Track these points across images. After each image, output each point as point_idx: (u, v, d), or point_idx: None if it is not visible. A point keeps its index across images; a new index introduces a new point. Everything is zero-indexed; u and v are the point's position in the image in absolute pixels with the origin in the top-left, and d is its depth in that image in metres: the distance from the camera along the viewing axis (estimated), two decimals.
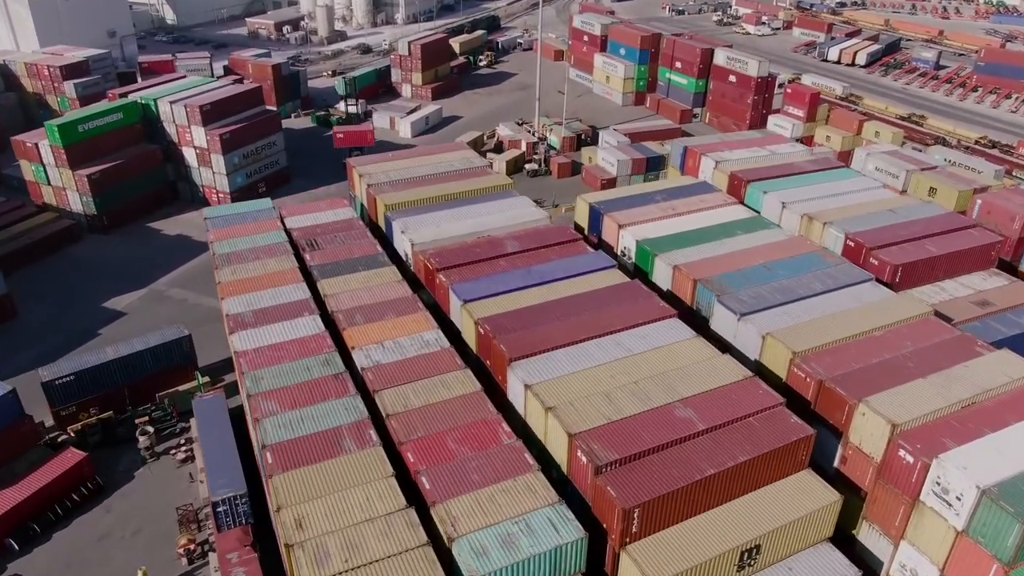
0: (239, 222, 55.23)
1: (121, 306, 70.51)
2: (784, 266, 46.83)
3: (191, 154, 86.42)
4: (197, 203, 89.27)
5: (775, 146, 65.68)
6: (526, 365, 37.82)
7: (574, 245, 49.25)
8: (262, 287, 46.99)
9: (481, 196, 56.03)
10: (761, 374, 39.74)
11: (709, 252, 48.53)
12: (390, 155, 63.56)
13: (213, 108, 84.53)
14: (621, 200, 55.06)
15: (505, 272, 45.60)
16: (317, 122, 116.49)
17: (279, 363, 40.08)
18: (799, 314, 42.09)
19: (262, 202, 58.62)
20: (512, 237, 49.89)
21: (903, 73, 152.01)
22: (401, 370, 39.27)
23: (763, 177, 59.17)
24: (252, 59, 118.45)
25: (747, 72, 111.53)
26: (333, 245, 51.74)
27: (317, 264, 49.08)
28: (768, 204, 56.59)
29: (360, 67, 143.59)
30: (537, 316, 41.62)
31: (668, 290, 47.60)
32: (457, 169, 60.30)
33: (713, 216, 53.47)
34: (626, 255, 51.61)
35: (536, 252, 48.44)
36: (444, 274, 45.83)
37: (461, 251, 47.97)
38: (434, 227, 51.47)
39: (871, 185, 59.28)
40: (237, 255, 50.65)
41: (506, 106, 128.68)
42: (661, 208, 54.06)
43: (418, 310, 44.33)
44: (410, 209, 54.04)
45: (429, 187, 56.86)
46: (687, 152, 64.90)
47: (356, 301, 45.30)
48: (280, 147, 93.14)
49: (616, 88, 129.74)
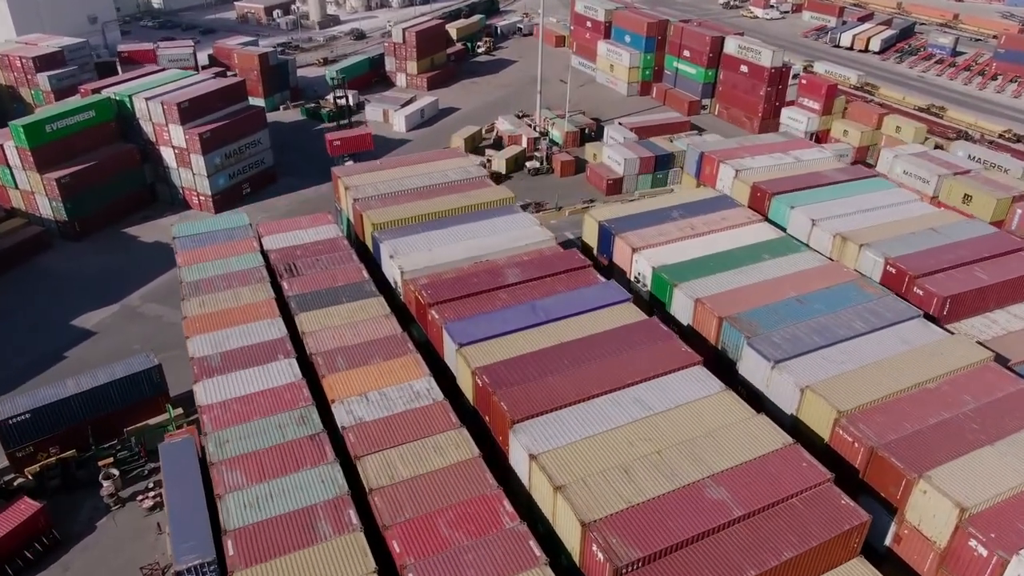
0: (210, 242, 50.01)
1: (91, 324, 65.33)
2: (820, 299, 41.67)
3: (169, 154, 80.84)
4: (177, 206, 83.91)
5: (800, 152, 60.25)
6: (531, 428, 32.76)
7: (583, 274, 44.03)
8: (233, 323, 41.83)
9: (479, 213, 50.76)
10: (798, 432, 34.78)
11: (734, 281, 43.35)
12: (379, 163, 58.11)
13: (192, 105, 78.82)
14: (634, 218, 49.78)
15: (506, 308, 40.44)
16: (307, 115, 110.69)
17: (248, 420, 35.05)
18: (841, 361, 36.97)
19: (237, 217, 53.29)
20: (514, 264, 44.67)
21: (919, 60, 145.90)
22: (387, 430, 34.21)
23: (789, 189, 53.83)
24: (238, 48, 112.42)
25: (760, 62, 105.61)
26: (314, 270, 46.52)
27: (295, 294, 43.90)
28: (795, 221, 51.32)
29: (352, 55, 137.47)
30: (543, 364, 36.52)
31: (689, 325, 42.46)
32: (452, 180, 54.94)
33: (736, 236, 48.23)
34: (640, 281, 46.42)
35: (541, 282, 43.27)
36: (437, 309, 40.67)
37: (456, 282, 42.78)
38: (426, 251, 46.23)
39: (907, 198, 53.98)
40: (207, 283, 45.46)
41: (505, 97, 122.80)
42: (679, 227, 48.78)
43: (407, 352, 39.21)
44: (400, 229, 48.78)
45: (421, 202, 51.56)
46: (704, 159, 59.50)
47: (338, 340, 40.18)
48: (265, 145, 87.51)
49: (621, 77, 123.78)
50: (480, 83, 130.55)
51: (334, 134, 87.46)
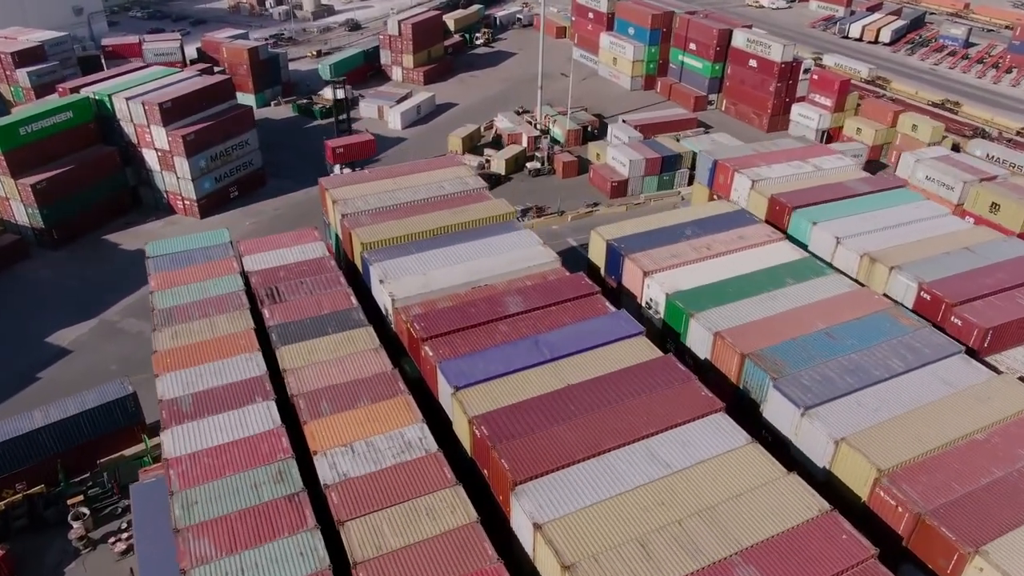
0: (187, 263, 46.26)
1: (67, 341, 61.70)
2: (851, 332, 38.03)
3: (152, 157, 76.94)
4: (162, 211, 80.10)
5: (820, 159, 56.39)
6: (535, 491, 29.18)
7: (590, 302, 40.30)
8: (208, 358, 38.16)
9: (477, 230, 47.03)
10: (831, 489, 31.25)
11: (755, 311, 39.68)
12: (369, 173, 54.25)
13: (175, 105, 74.86)
14: (645, 236, 46.02)
15: (507, 344, 36.76)
16: (298, 111, 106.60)
17: (220, 477, 31.42)
18: (877, 407, 33.40)
19: (217, 234, 49.48)
20: (515, 290, 40.96)
21: (930, 52, 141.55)
22: (375, 488, 30.63)
23: (810, 202, 50.07)
24: (227, 42, 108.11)
25: (769, 56, 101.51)
26: (298, 296, 42.80)
27: (277, 324, 40.20)
28: (818, 238, 47.60)
29: (347, 47, 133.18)
30: (548, 411, 32.90)
31: (706, 359, 38.83)
32: (448, 193, 51.13)
33: (756, 257, 44.53)
34: (652, 307, 42.76)
35: (545, 311, 39.55)
36: (431, 345, 37.00)
37: (453, 313, 39.07)
38: (420, 275, 42.51)
39: (937, 211, 50.25)
40: (181, 311, 41.74)
41: (504, 92, 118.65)
42: (693, 247, 45.06)
43: (397, 392, 35.55)
44: (392, 249, 45.03)
45: (415, 219, 47.79)
46: (717, 167, 55.68)
47: (322, 379, 36.53)
48: (254, 146, 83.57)
49: (624, 71, 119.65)
50: (479, 77, 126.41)
51: (335, 141, 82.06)
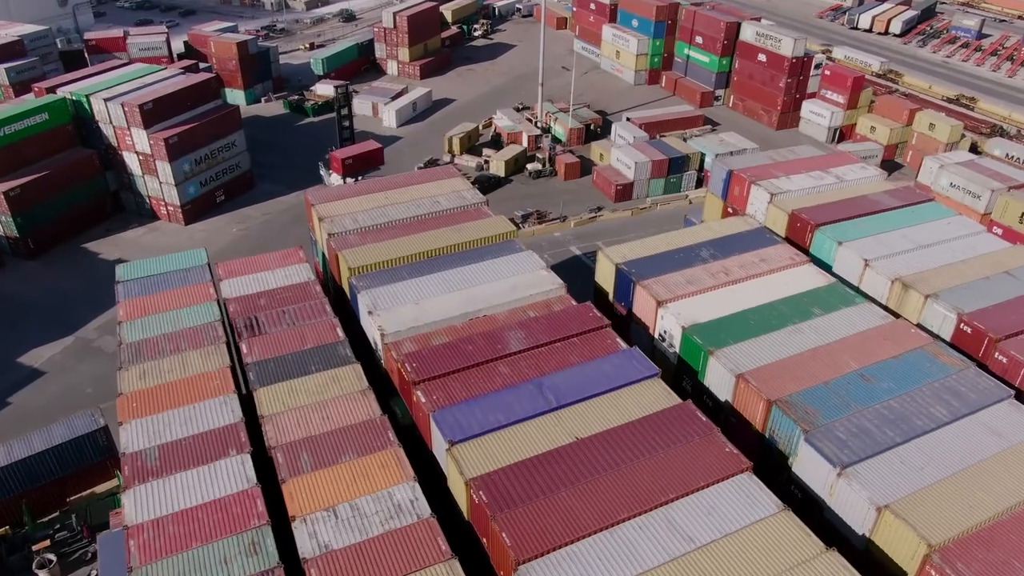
0: (160, 288, 42.57)
1: (40, 361, 58.13)
2: (887, 373, 34.46)
3: (133, 160, 73.12)
4: (144, 217, 76.41)
5: (842, 169, 52.63)
6: (541, 571, 25.67)
7: (599, 337, 36.67)
8: (178, 402, 34.58)
9: (476, 251, 43.35)
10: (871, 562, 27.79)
11: (781, 347, 36.09)
12: (359, 185, 50.49)
13: (156, 106, 70.98)
14: (657, 260, 42.32)
15: (508, 390, 33.17)
16: (290, 108, 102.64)
17: (186, 549, 27.90)
18: (922, 465, 29.86)
19: (194, 254, 45.78)
20: (517, 324, 37.32)
21: (942, 43, 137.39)
22: (360, 562, 27.13)
23: (834, 219, 46.37)
24: (215, 35, 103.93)
25: (780, 51, 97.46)
26: (279, 327, 39.17)
27: (255, 362, 36.58)
28: (844, 260, 43.97)
29: (341, 39, 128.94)
30: (554, 471, 29.37)
31: (726, 401, 35.29)
32: (444, 209, 47.40)
33: (779, 283, 40.89)
34: (666, 340, 39.16)
35: (550, 348, 35.94)
36: (424, 390, 33.41)
37: (448, 351, 35.44)
38: (412, 304, 38.86)
39: (971, 229, 46.58)
40: (151, 345, 38.10)
41: (503, 87, 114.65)
42: (710, 272, 41.39)
43: (387, 444, 32.00)
44: (382, 274, 41.35)
45: (408, 239, 44.08)
46: (732, 178, 51.95)
47: (303, 427, 32.98)
48: (241, 148, 79.72)
49: (627, 65, 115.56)
50: (477, 70, 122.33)
51: (343, 151, 76.93)
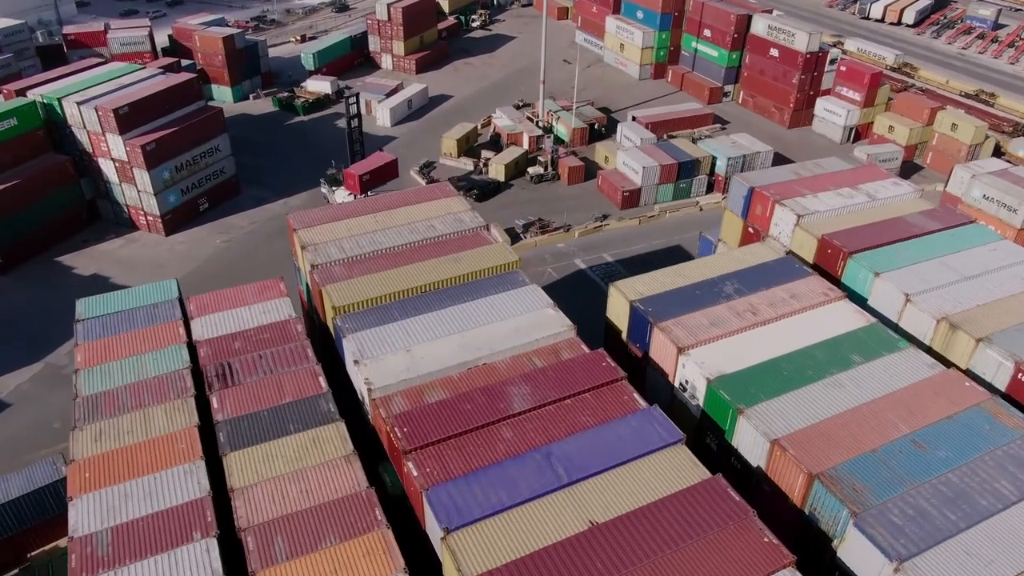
0: (123, 327, 38.28)
1: (6, 392, 54.01)
2: (942, 437, 30.36)
3: (109, 168, 68.65)
4: (123, 226, 72.07)
5: (873, 186, 48.30)
6: None
7: (615, 392, 32.47)
8: (137, 470, 30.44)
9: (475, 285, 39.09)
10: None
11: (820, 405, 31.96)
12: (344, 207, 46.08)
13: (133, 110, 66.45)
14: (676, 296, 38.04)
15: (512, 461, 29.03)
16: (279, 106, 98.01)
17: None
18: (992, 558, 25.80)
19: (163, 287, 41.42)
20: (522, 377, 33.13)
21: (957, 34, 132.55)
22: None
23: (868, 245, 42.11)
24: (200, 29, 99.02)
25: (793, 46, 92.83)
26: (255, 376, 34.95)
27: (227, 420, 32.40)
28: (881, 293, 39.77)
29: (333, 30, 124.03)
30: (568, 567, 25.26)
31: (759, 467, 31.20)
32: (440, 235, 43.07)
33: (812, 324, 36.71)
34: (687, 390, 35.01)
35: (559, 407, 31.79)
36: (416, 460, 29.28)
37: (444, 412, 31.27)
38: (404, 351, 34.67)
39: (1019, 257, 42.27)
40: (110, 399, 33.90)
41: (503, 82, 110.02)
42: (735, 311, 37.16)
43: (374, 525, 27.86)
44: (370, 314, 37.11)
45: (399, 271, 39.78)
46: (754, 196, 47.65)
47: (279, 504, 28.84)
48: (225, 152, 75.20)
49: (632, 59, 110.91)
50: (475, 64, 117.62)
51: (359, 167, 72.21)
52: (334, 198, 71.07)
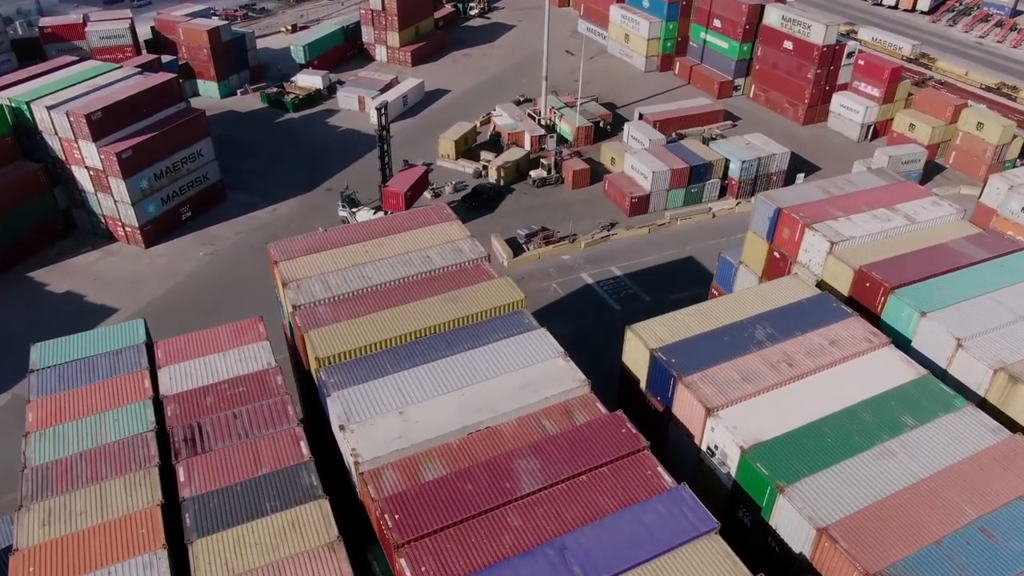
0: (82, 379, 34.25)
1: None
2: (1016, 525, 26.41)
3: (84, 176, 64.27)
4: (100, 237, 67.81)
5: (911, 206, 44.08)
6: None
7: (637, 464, 28.42)
8: (89, 563, 26.44)
9: (476, 330, 34.96)
10: None
11: (871, 482, 27.98)
12: (331, 235, 41.80)
13: (107, 114, 62.01)
14: (702, 343, 33.94)
15: (522, 557, 25.03)
16: (268, 102, 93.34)
17: None
18: None
19: (129, 329, 37.29)
20: (530, 447, 29.07)
21: (974, 22, 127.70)
22: None
23: (912, 279, 37.99)
24: (184, 21, 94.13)
25: (809, 38, 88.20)
26: (228, 441, 30.89)
27: (194, 498, 28.38)
28: (928, 336, 35.72)
29: (326, 19, 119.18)
30: None
31: (801, 554, 27.25)
32: (437, 268, 38.87)
33: (856, 376, 32.67)
34: (716, 455, 31.03)
35: (574, 483, 27.75)
36: (410, 555, 25.27)
37: (442, 493, 27.23)
38: (396, 414, 30.61)
39: None
40: (62, 471, 29.83)
41: (502, 75, 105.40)
42: (769, 362, 33.09)
43: None
44: (358, 365, 33.03)
45: (391, 313, 35.62)
46: (780, 217, 43.46)
47: None
48: (209, 157, 70.76)
49: (638, 50, 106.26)
50: (473, 55, 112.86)
51: (398, 183, 68.22)
52: (355, 220, 66.81)
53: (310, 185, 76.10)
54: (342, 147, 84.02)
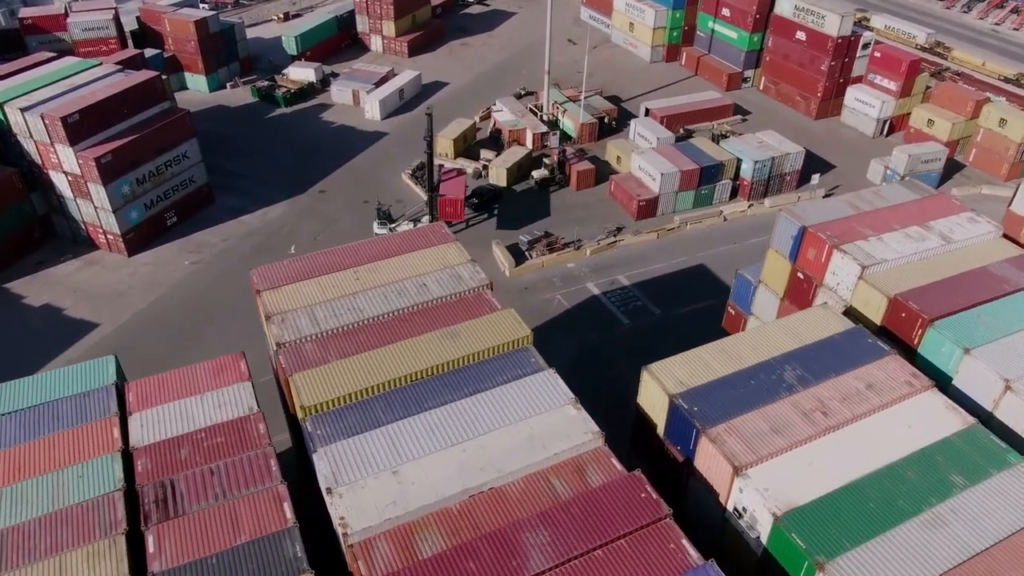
0: (44, 428, 31.13)
1: None
2: None
3: (62, 181, 60.85)
4: (81, 244, 64.52)
5: (946, 223, 40.82)
6: None
7: (659, 537, 25.42)
8: None
9: (477, 372, 31.90)
10: None
11: (921, 557, 25.05)
12: (319, 259, 38.53)
13: (85, 116, 58.51)
14: (726, 388, 30.89)
15: None
16: (259, 96, 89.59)
17: None
18: None
19: (97, 367, 34.07)
20: (540, 517, 26.04)
21: (989, 8, 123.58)
22: None
23: (952, 309, 34.89)
24: (169, 12, 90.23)
25: (823, 29, 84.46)
26: (204, 502, 27.91)
27: (163, 573, 25.40)
28: (971, 375, 32.70)
29: (320, 6, 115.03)
30: None
31: None
32: (435, 298, 35.71)
33: (898, 426, 29.66)
34: (744, 518, 28.03)
35: (587, 562, 24.76)
36: None
37: (442, 569, 24.25)
38: (389, 474, 27.59)
39: None
40: (17, 540, 26.81)
41: (502, 66, 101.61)
42: (801, 409, 30.05)
43: None
44: (347, 415, 30.00)
45: (384, 352, 32.52)
46: (805, 236, 40.24)
47: None
48: (195, 159, 67.30)
49: (643, 39, 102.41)
50: (472, 45, 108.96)
51: (451, 190, 65.62)
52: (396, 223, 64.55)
53: (302, 187, 72.68)
54: (336, 145, 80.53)
